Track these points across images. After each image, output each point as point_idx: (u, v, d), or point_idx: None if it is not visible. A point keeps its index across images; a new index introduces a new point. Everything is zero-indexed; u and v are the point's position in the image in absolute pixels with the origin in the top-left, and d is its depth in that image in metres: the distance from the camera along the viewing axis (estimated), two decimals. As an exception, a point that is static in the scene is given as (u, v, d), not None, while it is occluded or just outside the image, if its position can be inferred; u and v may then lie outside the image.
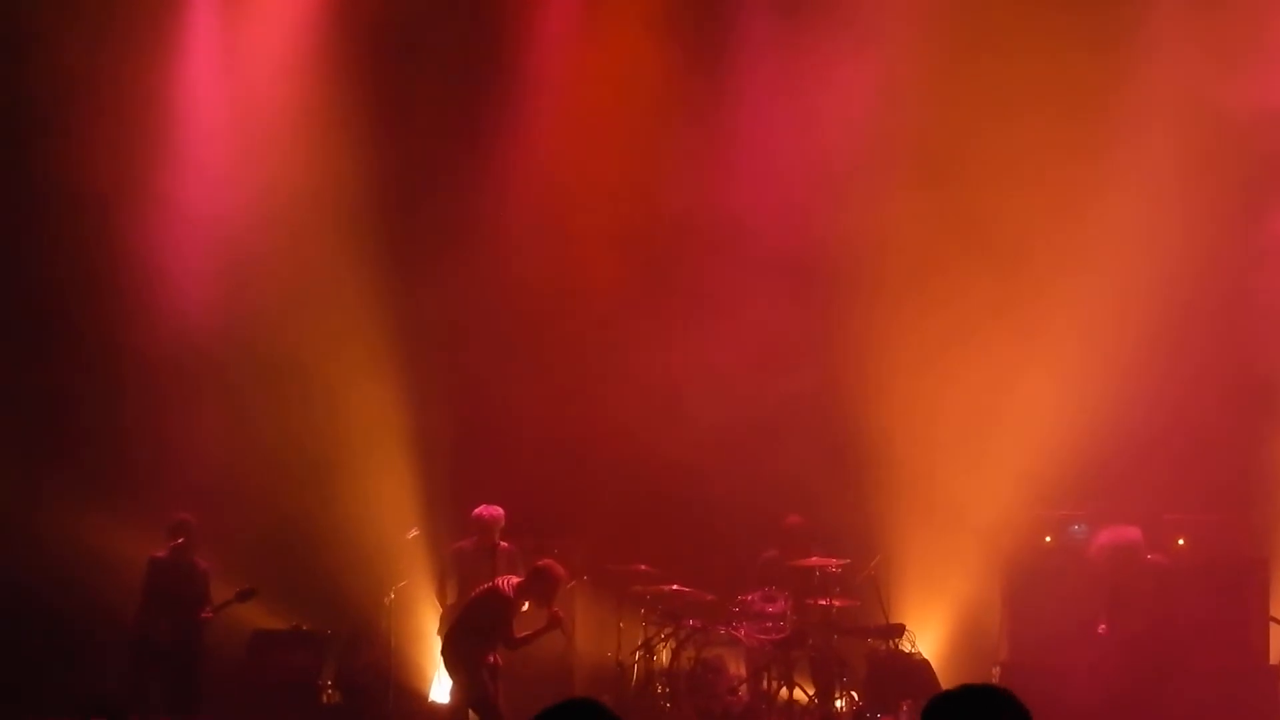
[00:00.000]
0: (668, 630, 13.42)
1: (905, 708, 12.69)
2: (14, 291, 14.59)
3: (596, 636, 14.07)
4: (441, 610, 13.44)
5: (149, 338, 14.56)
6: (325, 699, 13.97)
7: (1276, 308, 13.53)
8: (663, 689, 13.31)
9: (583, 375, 14.71)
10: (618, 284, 14.78)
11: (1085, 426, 13.04)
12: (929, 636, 13.64)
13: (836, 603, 13.15)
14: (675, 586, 13.48)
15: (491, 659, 11.52)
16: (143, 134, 14.76)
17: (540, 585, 11.42)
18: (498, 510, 13.24)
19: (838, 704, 13.05)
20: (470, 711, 11.82)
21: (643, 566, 13.67)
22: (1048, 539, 13.34)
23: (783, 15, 14.62)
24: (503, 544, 13.20)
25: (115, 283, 14.48)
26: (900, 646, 13.09)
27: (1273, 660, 12.56)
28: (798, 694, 13.15)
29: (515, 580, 11.66)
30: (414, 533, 14.10)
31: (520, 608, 11.50)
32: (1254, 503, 13.37)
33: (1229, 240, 13.77)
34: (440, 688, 13.57)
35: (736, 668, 13.39)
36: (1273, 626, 12.69)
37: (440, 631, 12.85)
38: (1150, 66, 13.80)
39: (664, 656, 13.41)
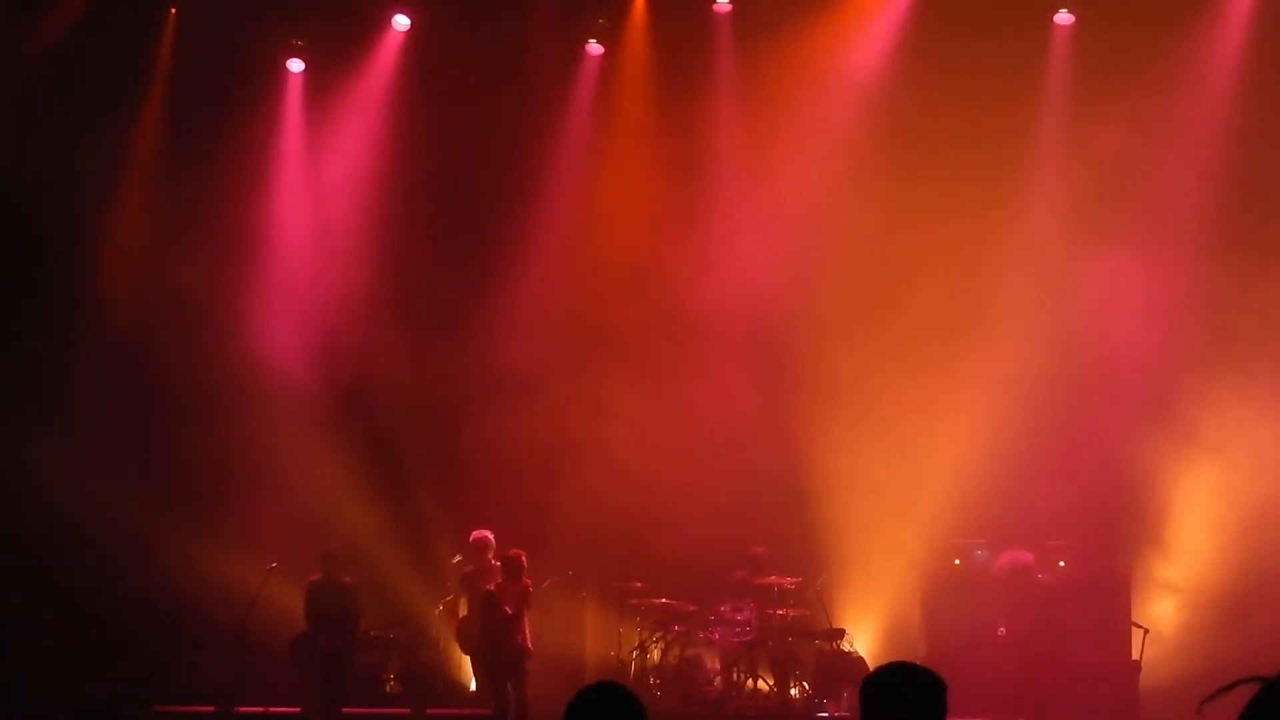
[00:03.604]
0: (658, 634, 14.70)
1: (845, 695, 13.99)
2: (155, 373, 15.61)
3: (602, 638, 15.26)
4: (456, 622, 14.61)
5: (251, 405, 15.77)
6: (389, 689, 15.02)
7: (1158, 371, 14.49)
8: (654, 681, 14.54)
9: (591, 441, 15.55)
10: (618, 354, 15.69)
11: (987, 474, 14.44)
12: (864, 637, 14.91)
13: (791, 612, 14.47)
14: (664, 600, 14.79)
15: (518, 640, 13.13)
16: (248, 248, 16.16)
17: (507, 568, 13.23)
18: (487, 533, 14.25)
19: (792, 692, 14.31)
20: (509, 685, 13.24)
21: (638, 584, 14.99)
22: (957, 561, 14.75)
23: (750, 149, 16.09)
24: (496, 563, 13.87)
25: (225, 363, 15.81)
26: (841, 647, 14.39)
27: (1134, 656, 13.98)
28: (761, 685, 14.37)
29: (497, 580, 13.37)
30: (458, 559, 15.12)
31: (503, 593, 13.12)
32: (1120, 533, 14.73)
33: (1115, 301, 14.57)
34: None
35: (712, 664, 14.57)
36: (1134, 630, 14.06)
37: (457, 639, 14.32)
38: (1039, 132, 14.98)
39: (655, 655, 14.68)
